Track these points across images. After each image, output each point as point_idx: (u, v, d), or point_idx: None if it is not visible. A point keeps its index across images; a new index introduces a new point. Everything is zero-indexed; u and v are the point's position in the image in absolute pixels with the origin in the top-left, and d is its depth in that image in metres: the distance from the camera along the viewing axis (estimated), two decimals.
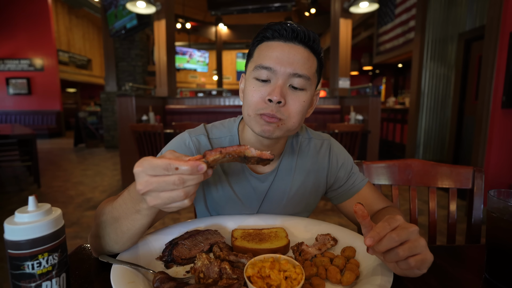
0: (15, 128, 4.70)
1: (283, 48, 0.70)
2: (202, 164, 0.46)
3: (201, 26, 11.55)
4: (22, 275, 0.44)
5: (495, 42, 2.93)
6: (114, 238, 0.60)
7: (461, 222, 2.90)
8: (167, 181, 0.45)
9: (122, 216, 0.58)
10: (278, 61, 0.69)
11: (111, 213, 0.60)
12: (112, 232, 0.60)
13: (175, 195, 0.46)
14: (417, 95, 5.26)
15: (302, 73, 0.70)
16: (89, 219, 3.11)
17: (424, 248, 0.51)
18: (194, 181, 0.47)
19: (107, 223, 0.61)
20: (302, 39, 0.70)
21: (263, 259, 0.57)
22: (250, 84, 0.73)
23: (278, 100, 0.68)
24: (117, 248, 0.62)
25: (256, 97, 0.71)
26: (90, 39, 14.34)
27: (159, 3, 4.84)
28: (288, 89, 0.71)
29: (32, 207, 0.46)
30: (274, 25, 0.72)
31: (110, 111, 7.89)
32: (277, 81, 0.69)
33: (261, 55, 0.72)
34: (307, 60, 0.71)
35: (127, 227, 0.58)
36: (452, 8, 4.90)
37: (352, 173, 0.91)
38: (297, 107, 0.71)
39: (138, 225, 0.58)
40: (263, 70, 0.70)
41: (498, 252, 0.58)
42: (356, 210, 0.53)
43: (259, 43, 0.74)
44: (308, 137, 0.91)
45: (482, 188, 1.06)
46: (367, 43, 8.93)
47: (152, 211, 0.55)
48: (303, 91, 0.72)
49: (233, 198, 0.85)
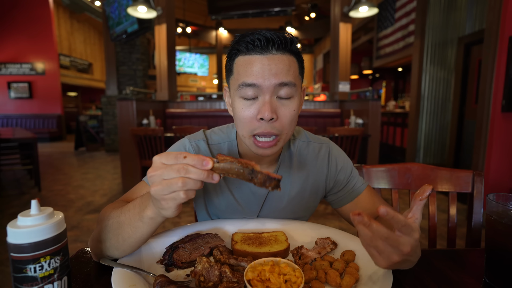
0: (16, 132, 4.72)
1: (262, 61, 0.67)
2: (208, 160, 0.48)
3: (201, 31, 11.61)
4: (24, 278, 0.44)
5: (495, 46, 2.94)
6: (114, 244, 0.61)
7: (462, 226, 2.89)
8: (172, 167, 0.48)
9: (126, 222, 0.60)
10: (261, 76, 0.67)
11: (118, 218, 0.61)
12: (114, 237, 0.61)
13: (174, 182, 0.47)
14: (417, 99, 5.27)
15: (288, 80, 0.68)
16: (90, 222, 3.11)
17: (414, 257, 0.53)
18: (196, 174, 0.48)
19: (111, 228, 0.62)
20: (278, 46, 0.68)
21: (263, 262, 0.58)
22: (238, 104, 0.71)
23: (270, 118, 0.67)
24: (117, 254, 0.63)
25: (247, 118, 0.70)
26: (91, 43, 14.42)
27: (160, 8, 4.87)
28: (276, 101, 0.69)
29: (35, 211, 0.46)
30: (245, 36, 0.69)
31: (110, 115, 7.91)
32: (265, 97, 0.68)
33: (242, 72, 0.69)
34: (289, 67, 0.69)
35: (128, 234, 0.59)
36: (451, 12, 4.93)
37: (352, 177, 0.91)
38: (289, 118, 0.70)
39: (139, 234, 0.59)
40: (247, 88, 0.68)
41: (497, 256, 0.58)
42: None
43: (235, 57, 0.72)
44: (307, 141, 0.91)
45: (482, 192, 1.06)
46: (367, 47, 8.96)
47: (153, 221, 0.57)
48: (291, 100, 0.70)
49: (233, 204, 0.86)
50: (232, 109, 0.76)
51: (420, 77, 5.23)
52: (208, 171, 0.49)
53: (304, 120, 4.83)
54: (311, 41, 13.56)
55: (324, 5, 9.26)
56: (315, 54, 13.53)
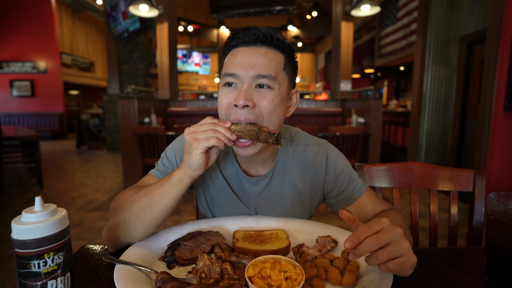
0: (19, 130, 4.74)
1: (244, 52, 0.72)
2: (227, 121, 0.67)
3: (203, 29, 11.60)
4: (28, 273, 0.45)
5: (497, 45, 2.93)
6: (142, 217, 0.67)
7: (463, 225, 2.89)
8: (203, 125, 0.65)
9: (152, 190, 0.69)
10: (241, 66, 0.71)
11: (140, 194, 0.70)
12: (142, 211, 0.67)
13: (207, 128, 0.65)
14: (419, 98, 5.25)
15: (266, 73, 0.70)
16: (91, 220, 3.12)
17: (405, 251, 0.52)
18: (221, 128, 0.65)
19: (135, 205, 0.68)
20: (263, 40, 0.72)
21: (264, 260, 0.58)
22: (220, 92, 0.76)
23: (244, 104, 0.69)
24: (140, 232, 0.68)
25: (224, 103, 0.73)
26: (93, 42, 14.43)
27: (162, 7, 4.87)
28: (254, 91, 0.72)
29: (39, 208, 0.47)
30: (237, 32, 0.74)
31: (112, 113, 7.92)
32: (242, 86, 0.71)
33: (226, 64, 0.75)
34: (270, 61, 0.72)
35: (157, 201, 0.67)
36: (454, 11, 4.90)
37: (351, 180, 0.90)
38: (267, 107, 0.71)
39: (167, 199, 0.67)
40: (228, 77, 0.72)
41: (497, 255, 0.58)
42: (342, 217, 0.54)
43: (228, 52, 0.77)
44: (305, 144, 0.91)
45: (483, 191, 1.06)
46: (368, 46, 8.93)
47: (181, 182, 0.67)
48: (270, 90, 0.72)
49: (233, 197, 0.87)
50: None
51: (422, 76, 5.21)
52: (228, 128, 0.66)
53: (305, 119, 4.83)
54: (312, 40, 13.52)
55: (325, 4, 9.22)
56: (316, 53, 13.50)
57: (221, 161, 0.87)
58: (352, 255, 0.51)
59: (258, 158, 0.83)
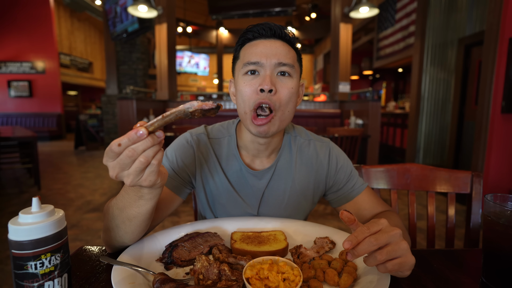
0: (16, 131, 4.72)
1: (265, 43, 0.77)
2: (139, 130, 0.46)
3: (202, 30, 11.61)
4: (25, 275, 0.44)
5: (495, 48, 2.95)
6: (123, 228, 0.64)
7: (460, 226, 2.90)
8: (122, 158, 0.47)
9: (127, 205, 0.61)
10: (263, 55, 0.75)
11: (117, 205, 0.63)
12: (121, 223, 0.63)
13: (138, 165, 0.48)
14: (417, 99, 5.27)
15: (286, 61, 0.75)
16: (89, 221, 3.11)
17: (404, 252, 0.52)
18: (144, 145, 0.47)
19: (114, 215, 0.64)
20: (279, 35, 0.78)
21: (261, 261, 0.58)
22: (241, 81, 0.78)
23: (269, 89, 0.72)
24: (128, 238, 0.66)
25: (248, 90, 0.76)
26: (91, 42, 14.41)
27: (161, 7, 4.88)
28: (276, 77, 0.76)
29: (36, 208, 0.46)
30: (253, 27, 0.79)
31: (110, 114, 7.90)
32: (266, 72, 0.75)
33: (247, 54, 0.78)
34: (288, 52, 0.77)
35: (133, 214, 0.62)
36: (452, 13, 4.93)
37: (352, 177, 0.92)
38: (286, 94, 0.76)
39: (144, 211, 0.62)
40: (251, 65, 0.76)
41: (494, 256, 0.58)
42: (342, 217, 0.54)
43: (242, 46, 0.81)
44: (308, 139, 0.94)
45: (481, 192, 1.06)
46: (367, 48, 8.96)
47: (153, 195, 0.59)
48: (290, 78, 0.77)
49: (234, 196, 0.87)
50: (235, 96, 0.82)
51: (420, 78, 5.23)
52: (145, 136, 0.47)
53: (304, 120, 4.83)
54: (311, 42, 13.56)
55: (324, 5, 9.26)
56: (315, 54, 13.53)
57: (223, 158, 0.88)
58: (351, 255, 0.52)
59: (266, 150, 0.86)
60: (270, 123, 0.75)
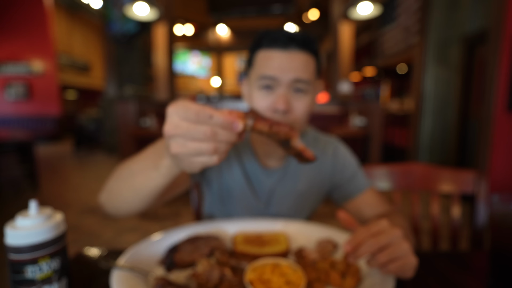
0: (14, 133, 4.71)
1: (282, 56, 0.72)
2: (238, 122, 0.43)
3: (201, 30, 11.61)
4: (23, 280, 0.44)
5: (498, 45, 2.93)
6: (125, 195, 0.60)
7: (465, 226, 2.88)
8: (198, 129, 0.41)
9: (139, 171, 0.57)
10: (280, 70, 0.71)
11: (130, 167, 0.60)
12: (125, 187, 0.60)
13: (204, 147, 0.42)
14: (419, 98, 5.25)
15: (304, 78, 0.72)
16: (89, 224, 3.10)
17: (405, 253, 0.51)
18: (226, 137, 0.43)
19: (122, 177, 0.61)
20: (298, 43, 0.72)
21: (264, 263, 0.57)
22: (255, 94, 0.76)
23: (284, 109, 0.70)
24: (125, 208, 0.63)
25: (263, 106, 0.74)
26: (90, 43, 14.41)
27: (160, 8, 4.87)
28: (292, 94, 0.73)
29: (34, 211, 0.46)
30: (271, 33, 0.74)
31: (110, 115, 7.90)
32: (281, 90, 0.72)
33: (263, 65, 0.74)
34: (306, 64, 0.73)
35: (141, 183, 0.57)
36: (454, 10, 4.90)
37: (357, 175, 0.92)
38: (302, 112, 0.74)
39: (152, 185, 0.56)
40: (267, 80, 0.73)
41: (503, 258, 0.57)
42: (340, 218, 0.53)
43: (257, 50, 0.76)
44: (316, 137, 0.95)
45: (485, 192, 1.05)
46: (368, 47, 8.95)
47: (170, 172, 0.52)
48: (306, 94, 0.75)
49: (246, 191, 0.87)
50: (249, 100, 0.80)
51: (422, 76, 5.21)
52: (238, 135, 0.45)
53: None
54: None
55: (325, 4, 9.24)
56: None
57: (240, 152, 0.89)
58: (352, 257, 0.51)
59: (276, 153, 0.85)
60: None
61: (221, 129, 0.42)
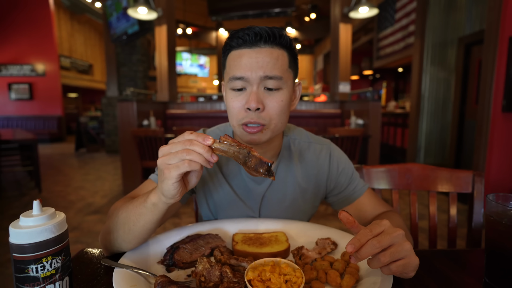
0: (17, 133, 4.72)
1: (250, 54, 0.70)
2: (209, 137, 0.54)
3: (202, 31, 11.62)
4: (26, 278, 0.44)
5: (495, 47, 2.94)
6: (122, 234, 0.64)
7: (462, 226, 2.89)
8: (178, 142, 0.54)
9: (131, 211, 0.64)
10: (248, 68, 0.70)
11: (126, 208, 0.66)
12: (121, 228, 0.64)
13: (179, 152, 0.53)
14: (417, 99, 5.27)
15: (273, 74, 0.70)
16: (90, 223, 3.11)
17: (408, 253, 0.52)
18: (198, 147, 0.53)
19: (119, 219, 0.65)
20: (266, 39, 0.70)
21: (263, 262, 0.58)
22: (228, 95, 0.75)
23: (256, 108, 0.69)
24: (125, 245, 0.66)
25: (235, 107, 0.73)
26: (91, 44, 14.44)
27: (160, 9, 4.88)
28: (264, 92, 0.72)
29: (37, 211, 0.46)
30: (237, 32, 0.72)
31: (111, 116, 7.91)
32: (252, 88, 0.71)
33: (232, 66, 0.73)
34: (276, 60, 0.71)
35: (133, 222, 0.62)
36: (451, 12, 4.92)
37: (353, 179, 0.91)
38: (276, 109, 0.72)
39: (142, 221, 0.62)
40: (236, 81, 0.71)
41: (497, 256, 0.58)
42: (341, 218, 0.54)
43: (228, 53, 0.75)
44: (308, 141, 0.92)
45: (482, 192, 1.06)
46: (367, 48, 8.96)
47: (155, 207, 0.60)
48: (279, 91, 0.72)
49: (235, 199, 0.86)
50: (226, 102, 0.79)
51: (420, 77, 5.23)
52: (208, 147, 0.54)
53: (304, 120, 4.83)
54: (311, 42, 13.55)
55: (324, 5, 9.25)
56: (315, 54, 13.52)
57: (223, 163, 0.88)
58: (355, 258, 0.51)
59: (267, 152, 0.84)
60: (262, 133, 0.73)
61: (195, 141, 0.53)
